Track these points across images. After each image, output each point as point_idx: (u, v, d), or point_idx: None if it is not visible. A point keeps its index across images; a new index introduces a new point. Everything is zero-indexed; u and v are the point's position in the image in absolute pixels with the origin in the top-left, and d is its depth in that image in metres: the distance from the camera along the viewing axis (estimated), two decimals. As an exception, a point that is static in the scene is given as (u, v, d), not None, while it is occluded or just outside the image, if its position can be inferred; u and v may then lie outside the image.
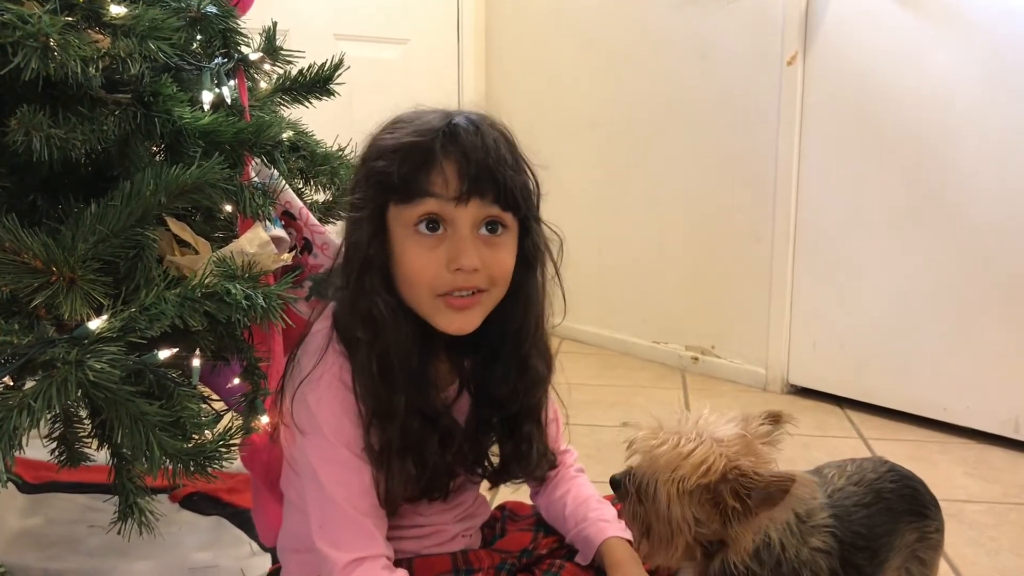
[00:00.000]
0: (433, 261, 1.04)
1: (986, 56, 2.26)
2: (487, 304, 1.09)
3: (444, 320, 1.07)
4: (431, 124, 1.05)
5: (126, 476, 1.09)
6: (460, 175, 1.02)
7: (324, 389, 1.08)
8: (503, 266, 1.08)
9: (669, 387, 2.85)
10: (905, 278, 2.48)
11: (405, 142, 1.05)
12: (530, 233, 1.12)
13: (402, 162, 1.04)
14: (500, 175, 1.04)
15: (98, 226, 1.01)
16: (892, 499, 1.13)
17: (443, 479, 1.14)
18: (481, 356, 1.16)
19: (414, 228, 1.04)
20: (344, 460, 1.07)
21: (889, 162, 2.47)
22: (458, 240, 1.03)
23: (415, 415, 1.08)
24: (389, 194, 1.06)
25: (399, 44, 3.36)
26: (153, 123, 1.07)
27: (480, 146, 1.03)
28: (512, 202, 1.06)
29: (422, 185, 1.03)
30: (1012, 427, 2.29)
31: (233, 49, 1.26)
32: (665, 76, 2.99)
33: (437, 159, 1.03)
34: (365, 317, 1.07)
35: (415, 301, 1.08)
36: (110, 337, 0.94)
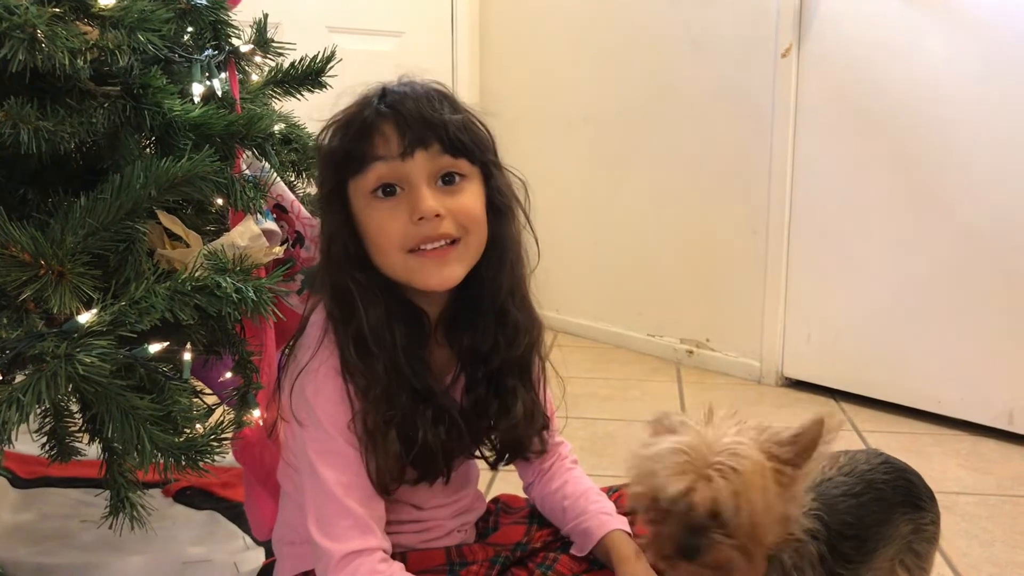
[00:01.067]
0: (396, 218, 1.05)
1: (982, 48, 2.25)
2: (465, 255, 1.09)
3: (424, 275, 1.07)
4: (367, 94, 1.09)
5: (117, 470, 1.08)
6: (400, 131, 1.04)
7: (321, 380, 1.08)
8: (467, 209, 1.08)
9: (664, 380, 2.85)
10: (899, 271, 2.48)
11: (345, 116, 1.08)
12: (492, 179, 1.13)
13: (345, 135, 1.07)
14: (439, 123, 1.05)
15: (88, 219, 1.00)
16: (885, 490, 1.13)
17: (440, 460, 1.13)
18: (462, 312, 1.15)
19: (372, 196, 1.06)
20: (342, 451, 1.06)
21: (884, 154, 2.47)
22: (414, 192, 1.05)
23: (400, 391, 1.07)
24: (344, 171, 1.08)
25: (393, 37, 3.34)
26: (143, 115, 1.07)
27: (413, 101, 1.06)
28: (460, 147, 1.07)
29: (367, 151, 1.05)
30: (1006, 419, 2.29)
31: (224, 41, 1.26)
32: (659, 69, 2.99)
33: (375, 123, 1.05)
34: (335, 293, 1.08)
35: (391, 267, 1.08)
36: (100, 331, 0.94)
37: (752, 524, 0.92)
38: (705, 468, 0.92)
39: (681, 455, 0.94)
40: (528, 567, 1.19)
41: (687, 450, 0.94)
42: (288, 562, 1.22)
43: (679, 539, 0.94)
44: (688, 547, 0.94)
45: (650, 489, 0.95)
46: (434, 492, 1.20)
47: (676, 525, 0.94)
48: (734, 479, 0.91)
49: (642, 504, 0.98)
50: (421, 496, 1.18)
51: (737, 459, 0.92)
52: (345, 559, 1.03)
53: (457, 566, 1.16)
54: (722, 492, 0.91)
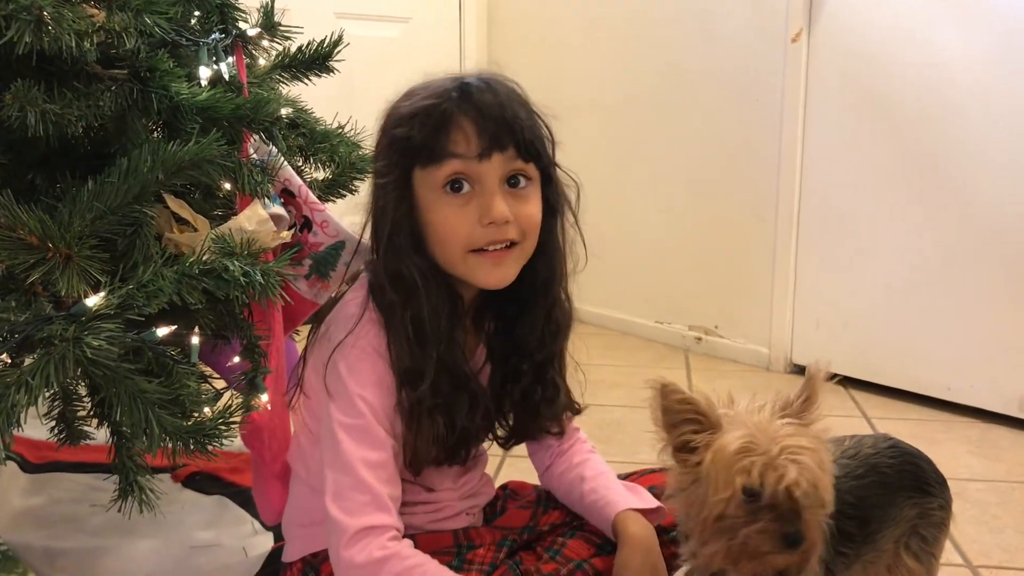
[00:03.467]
0: (464, 218, 1.07)
1: (993, 34, 2.23)
2: (520, 256, 1.12)
3: (483, 274, 1.09)
4: (444, 87, 1.09)
5: (126, 454, 1.08)
6: (479, 132, 1.06)
7: (356, 357, 1.09)
8: (532, 217, 1.11)
9: (672, 367, 2.85)
10: (910, 257, 2.46)
11: (421, 106, 1.08)
12: (551, 182, 1.16)
13: (421, 126, 1.07)
14: (517, 127, 1.08)
15: (95, 203, 1.00)
16: (889, 474, 1.12)
17: (468, 442, 1.16)
18: (509, 310, 1.18)
19: (441, 190, 1.07)
20: (367, 428, 1.07)
21: (894, 141, 2.45)
22: (486, 195, 1.07)
23: (445, 376, 1.09)
24: (413, 159, 1.08)
25: (400, 22, 3.34)
26: (150, 99, 1.06)
27: (494, 102, 1.07)
28: (532, 152, 1.10)
29: (444, 146, 1.06)
30: (1017, 406, 2.28)
31: (231, 25, 1.25)
32: (669, 53, 2.97)
33: (455, 119, 1.06)
34: (396, 279, 1.09)
35: (450, 261, 1.10)
36: (108, 314, 0.94)
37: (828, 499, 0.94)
38: (782, 454, 0.91)
39: (756, 447, 0.92)
40: (536, 551, 1.19)
41: (756, 442, 0.92)
42: (298, 543, 1.23)
43: (780, 531, 0.92)
44: (793, 536, 0.92)
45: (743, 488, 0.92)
46: (445, 474, 1.20)
47: (771, 519, 0.92)
48: (813, 456, 0.91)
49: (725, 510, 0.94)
50: (433, 478, 1.19)
51: (799, 438, 0.92)
52: (359, 534, 1.04)
53: (464, 548, 1.17)
54: (815, 471, 0.91)
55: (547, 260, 1.17)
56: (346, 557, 1.03)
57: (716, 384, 2.75)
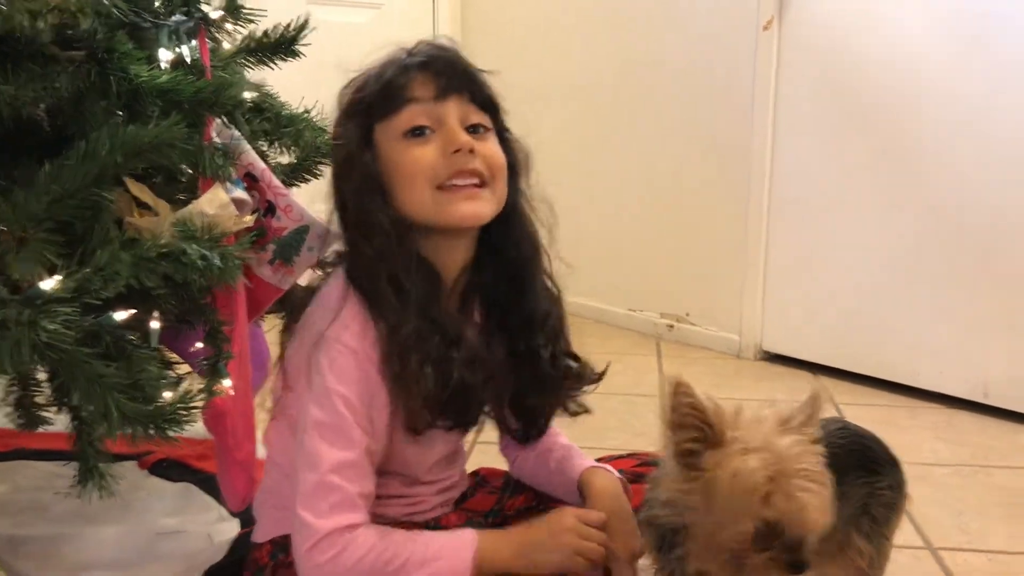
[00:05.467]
0: (429, 152, 1.08)
1: (960, 23, 2.25)
2: (492, 198, 1.12)
3: (454, 210, 1.09)
4: (397, 51, 1.14)
5: (86, 440, 1.07)
6: (435, 76, 1.10)
7: (338, 351, 1.08)
8: (496, 156, 1.12)
9: (644, 354, 2.86)
10: (877, 246, 2.48)
11: (373, 71, 1.13)
12: (507, 143, 1.17)
13: (375, 83, 1.11)
14: (471, 76, 1.12)
15: (53, 186, 0.99)
16: (839, 454, 1.11)
17: (475, 405, 1.15)
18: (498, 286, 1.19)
19: (403, 138, 1.09)
20: (342, 427, 1.06)
21: (864, 129, 2.47)
22: (448, 129, 1.08)
23: (432, 333, 1.08)
24: (372, 115, 1.11)
25: (372, 8, 3.31)
26: (108, 81, 1.05)
27: (446, 54, 1.13)
28: (488, 102, 1.13)
29: (401, 93, 1.09)
30: (981, 392, 2.31)
31: (193, 7, 1.24)
32: (641, 41, 2.97)
33: (408, 70, 1.10)
34: (369, 231, 1.09)
35: (420, 204, 1.09)
36: (64, 298, 0.92)
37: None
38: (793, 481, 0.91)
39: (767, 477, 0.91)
40: None
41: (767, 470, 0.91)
42: (269, 524, 1.22)
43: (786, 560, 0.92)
44: (799, 564, 0.92)
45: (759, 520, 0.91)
46: (432, 468, 1.20)
47: (779, 548, 0.92)
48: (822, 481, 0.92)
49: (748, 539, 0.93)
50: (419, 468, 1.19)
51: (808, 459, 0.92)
52: (330, 537, 1.03)
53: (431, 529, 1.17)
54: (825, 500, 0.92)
55: (521, 224, 1.18)
56: (309, 558, 1.03)
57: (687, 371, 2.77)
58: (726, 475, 0.92)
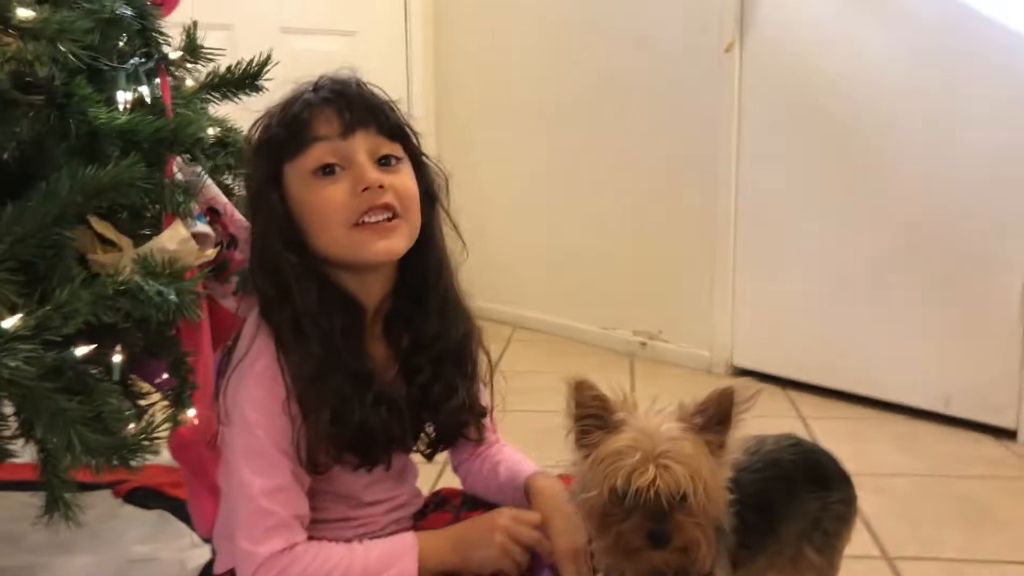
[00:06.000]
0: (339, 192, 1.08)
1: (916, 41, 2.31)
2: (406, 230, 1.12)
3: (368, 248, 1.09)
4: (301, 86, 1.13)
5: (52, 471, 1.10)
6: (339, 112, 1.09)
7: (252, 379, 1.10)
8: (407, 187, 1.12)
9: (616, 373, 2.89)
10: (840, 261, 2.54)
11: (279, 106, 1.12)
12: (422, 169, 1.17)
13: (281, 122, 1.10)
14: (377, 106, 1.11)
15: (15, 227, 1.02)
16: (790, 469, 1.17)
17: (381, 445, 1.15)
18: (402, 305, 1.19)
19: (312, 177, 1.09)
20: (266, 453, 1.08)
21: (824, 146, 2.53)
22: (356, 167, 1.08)
23: (336, 373, 1.09)
24: (280, 155, 1.10)
25: (346, 36, 3.36)
26: (68, 124, 1.08)
27: (350, 87, 1.12)
28: (397, 132, 1.13)
29: (306, 133, 1.09)
30: (943, 403, 2.35)
31: (154, 48, 1.28)
32: (608, 63, 3.03)
33: (313, 107, 1.09)
34: (272, 274, 1.10)
35: (335, 244, 1.10)
36: (25, 335, 0.96)
37: (708, 499, 0.96)
38: (657, 458, 0.95)
39: (633, 451, 0.96)
40: None
41: (636, 445, 0.97)
42: (226, 557, 1.24)
43: (647, 529, 0.96)
44: (658, 534, 0.96)
45: (611, 489, 0.97)
46: (373, 488, 1.22)
47: (640, 517, 0.96)
48: (687, 462, 0.95)
49: (600, 507, 0.99)
50: (360, 490, 1.20)
51: (681, 443, 0.96)
52: (269, 561, 1.06)
53: None
54: (681, 476, 0.95)
55: (431, 247, 1.18)
56: None
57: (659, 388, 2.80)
58: (600, 450, 0.99)
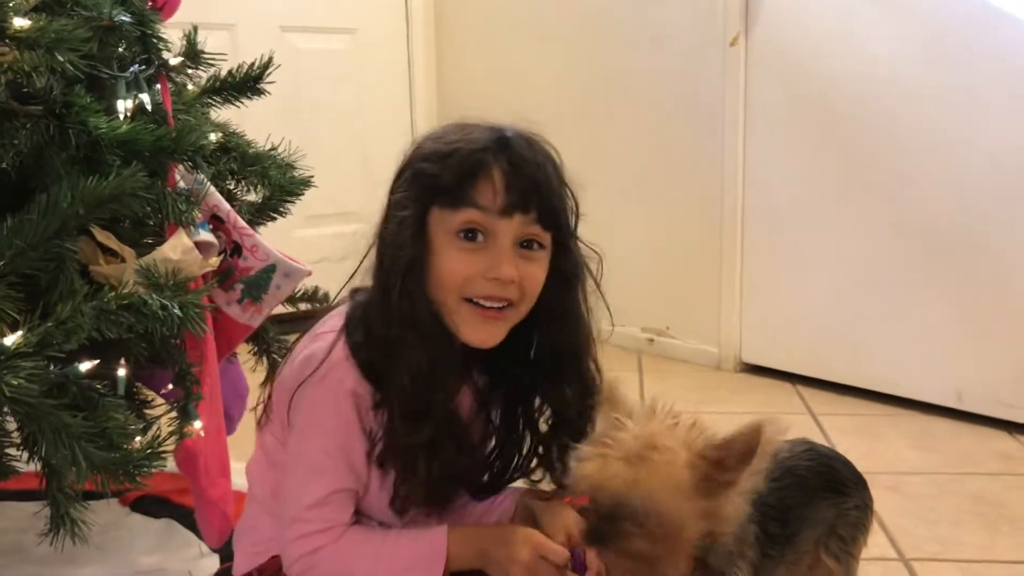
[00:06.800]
0: (470, 265, 1.05)
1: (926, 36, 2.28)
2: (512, 319, 1.10)
3: (470, 329, 1.08)
4: (482, 134, 1.07)
5: (56, 487, 1.09)
6: (508, 188, 1.04)
7: (323, 392, 1.08)
8: (536, 281, 1.09)
9: (625, 370, 2.87)
10: (850, 255, 2.51)
11: (455, 148, 1.06)
12: (568, 251, 1.14)
13: (451, 168, 1.05)
14: (545, 193, 1.06)
15: (15, 240, 1.01)
16: (806, 476, 1.15)
17: (451, 486, 1.15)
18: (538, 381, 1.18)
19: (455, 234, 1.05)
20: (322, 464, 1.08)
21: (832, 142, 2.50)
22: (498, 251, 1.05)
23: (445, 418, 1.09)
24: (434, 197, 1.06)
25: (346, 34, 3.33)
26: (68, 134, 1.07)
27: (529, 162, 1.06)
28: (553, 222, 1.08)
29: (469, 194, 1.04)
30: (955, 398, 2.33)
31: (154, 55, 1.26)
32: (612, 58, 3.00)
33: (486, 169, 1.04)
34: (409, 319, 1.06)
35: (442, 305, 1.08)
36: (27, 352, 0.94)
37: (660, 517, 0.93)
38: (619, 459, 0.94)
39: (602, 445, 0.96)
40: None
41: (610, 440, 0.96)
42: (248, 559, 1.23)
43: (591, 524, 0.96)
44: (594, 532, 0.96)
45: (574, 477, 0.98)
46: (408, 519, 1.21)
47: (595, 512, 0.95)
48: (639, 471, 0.93)
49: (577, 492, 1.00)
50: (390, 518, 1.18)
51: (650, 452, 0.94)
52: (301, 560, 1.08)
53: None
54: (622, 482, 0.93)
55: (568, 329, 1.15)
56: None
57: (667, 385, 2.80)
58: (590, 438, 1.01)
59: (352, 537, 1.09)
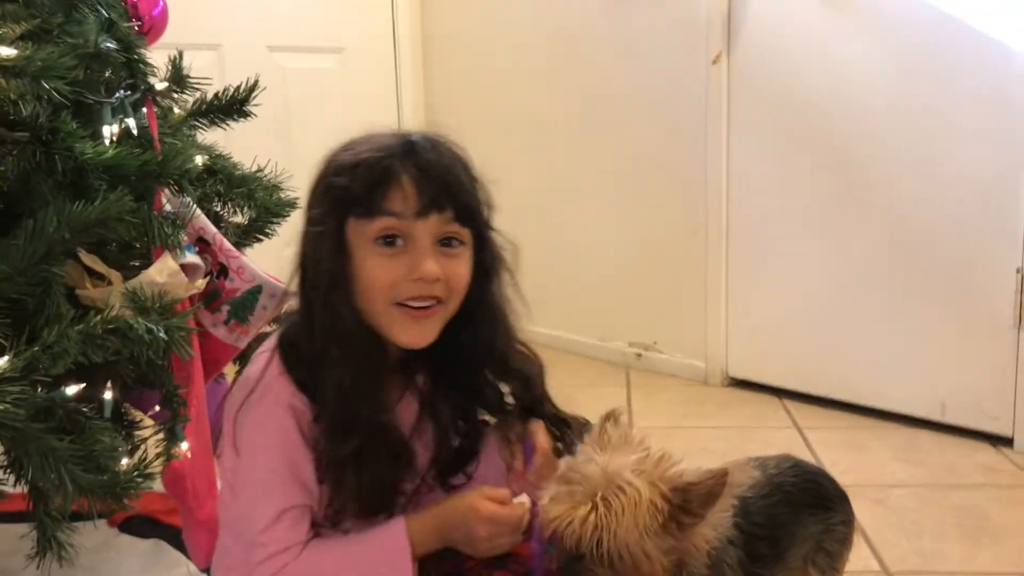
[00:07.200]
0: (393, 269, 1.07)
1: (899, 52, 2.32)
2: (443, 316, 1.12)
3: (401, 331, 1.09)
4: (389, 142, 1.09)
5: (43, 510, 1.09)
6: (419, 191, 1.06)
7: (263, 411, 1.09)
8: (461, 277, 1.11)
9: (613, 385, 2.89)
10: (832, 270, 2.53)
11: (363, 158, 1.07)
12: (486, 244, 1.16)
13: (362, 178, 1.06)
14: (457, 190, 1.08)
15: (1, 265, 1.02)
16: (793, 492, 1.16)
17: (394, 493, 1.15)
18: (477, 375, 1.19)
19: (373, 242, 1.07)
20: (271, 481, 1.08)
21: (813, 157, 2.53)
22: (418, 251, 1.07)
23: (370, 431, 1.09)
24: (348, 209, 1.07)
25: (334, 53, 3.35)
26: (54, 160, 1.08)
27: (438, 162, 1.07)
28: (468, 217, 1.10)
29: (381, 202, 1.06)
30: (939, 411, 2.35)
31: (140, 80, 1.27)
32: (599, 77, 3.02)
33: (396, 176, 1.06)
34: (332, 333, 1.07)
35: (371, 311, 1.09)
36: (14, 377, 0.95)
37: (626, 557, 0.94)
38: (585, 498, 0.95)
39: (566, 484, 0.97)
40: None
41: (578, 479, 0.97)
42: None
43: (560, 561, 0.97)
44: (563, 569, 0.97)
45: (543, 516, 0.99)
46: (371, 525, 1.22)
47: (562, 552, 0.97)
48: (605, 514, 0.94)
49: None
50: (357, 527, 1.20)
51: (616, 493, 0.95)
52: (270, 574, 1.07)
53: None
54: (586, 526, 0.94)
55: (489, 321, 1.17)
56: None
57: (655, 400, 2.81)
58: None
59: (313, 550, 1.09)
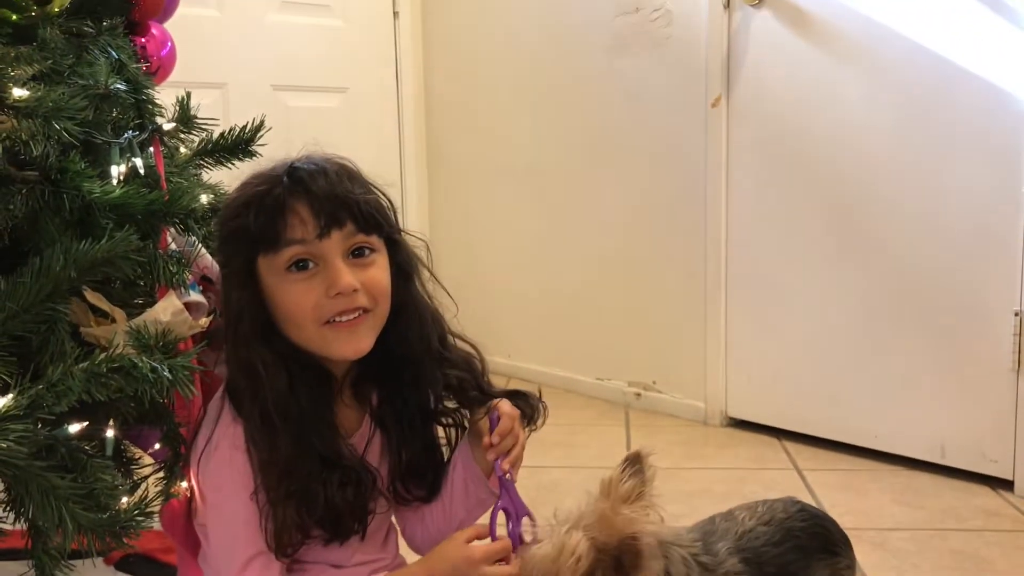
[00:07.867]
0: (311, 292, 1.09)
1: (897, 93, 2.35)
2: (374, 323, 1.14)
3: (338, 346, 1.11)
4: (275, 173, 1.11)
5: (42, 548, 1.09)
6: (314, 214, 1.08)
7: (217, 461, 1.11)
8: (379, 282, 1.13)
9: (612, 424, 2.89)
10: (831, 312, 2.54)
11: (254, 194, 1.10)
12: (399, 247, 1.18)
13: (256, 215, 1.09)
14: (352, 202, 1.10)
15: (7, 303, 1.03)
16: (803, 537, 1.17)
17: (350, 519, 1.15)
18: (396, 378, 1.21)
19: (285, 272, 1.09)
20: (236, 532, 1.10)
21: (812, 201, 2.55)
22: (331, 269, 1.09)
23: (305, 461, 1.10)
24: (254, 248, 1.10)
25: (338, 92, 3.39)
26: (62, 199, 1.09)
27: (325, 182, 1.09)
28: (372, 224, 1.12)
29: (281, 233, 1.08)
30: (938, 453, 2.35)
31: (148, 120, 1.29)
32: (598, 119, 3.06)
33: (288, 205, 1.08)
34: (243, 369, 1.11)
35: (305, 338, 1.11)
36: (17, 415, 0.95)
37: None
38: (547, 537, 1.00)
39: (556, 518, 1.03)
40: None
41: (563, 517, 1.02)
42: None
43: None
44: None
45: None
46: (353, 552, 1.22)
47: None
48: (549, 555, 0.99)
49: None
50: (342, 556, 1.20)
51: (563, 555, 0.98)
52: None
53: None
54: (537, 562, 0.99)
55: (416, 322, 1.19)
56: None
57: (654, 440, 2.81)
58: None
59: None
